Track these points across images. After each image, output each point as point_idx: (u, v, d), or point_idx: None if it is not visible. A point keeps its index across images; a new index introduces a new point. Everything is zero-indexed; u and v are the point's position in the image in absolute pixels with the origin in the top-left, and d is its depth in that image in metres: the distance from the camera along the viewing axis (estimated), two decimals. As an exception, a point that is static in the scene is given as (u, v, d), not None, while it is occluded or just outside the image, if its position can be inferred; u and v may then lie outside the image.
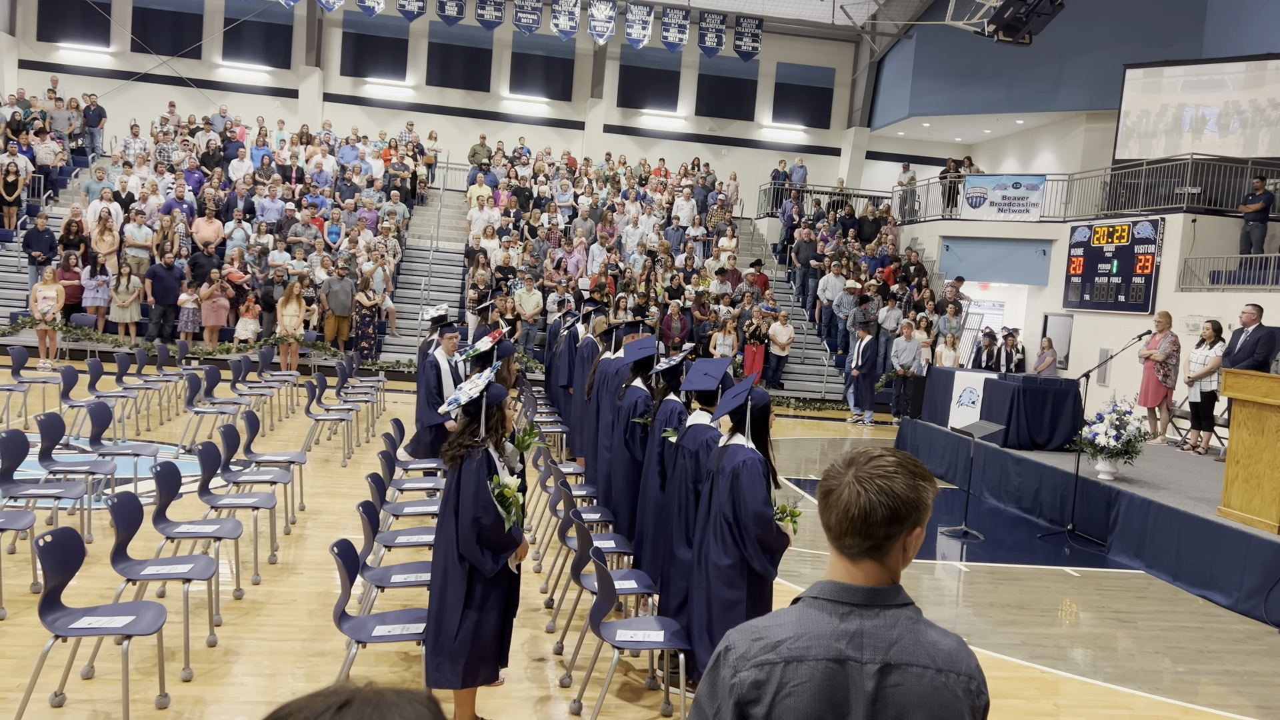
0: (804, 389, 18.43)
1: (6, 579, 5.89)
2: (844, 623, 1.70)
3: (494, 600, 4.35)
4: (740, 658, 1.69)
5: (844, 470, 1.75)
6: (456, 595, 4.27)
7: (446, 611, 4.28)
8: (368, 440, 11.59)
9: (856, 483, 1.72)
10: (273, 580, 6.44)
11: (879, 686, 1.66)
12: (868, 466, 1.74)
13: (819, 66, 26.11)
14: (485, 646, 4.32)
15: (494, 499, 4.22)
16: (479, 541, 4.22)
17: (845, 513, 1.72)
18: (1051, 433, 11.28)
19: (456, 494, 4.28)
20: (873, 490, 1.71)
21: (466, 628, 4.26)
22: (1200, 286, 15.39)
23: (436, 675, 4.28)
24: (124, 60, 23.38)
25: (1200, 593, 7.88)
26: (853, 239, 21.72)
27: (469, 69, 24.80)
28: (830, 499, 1.74)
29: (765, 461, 4.50)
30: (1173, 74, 18.44)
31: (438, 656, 4.27)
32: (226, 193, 19.00)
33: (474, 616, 4.27)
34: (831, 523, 1.74)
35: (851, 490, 1.72)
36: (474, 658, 4.28)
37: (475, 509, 4.19)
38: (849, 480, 1.73)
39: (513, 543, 4.32)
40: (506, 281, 17.98)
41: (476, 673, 4.32)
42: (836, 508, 1.73)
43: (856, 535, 1.72)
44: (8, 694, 4.53)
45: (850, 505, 1.72)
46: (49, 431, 7.16)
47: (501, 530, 4.24)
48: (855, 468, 1.74)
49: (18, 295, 17.05)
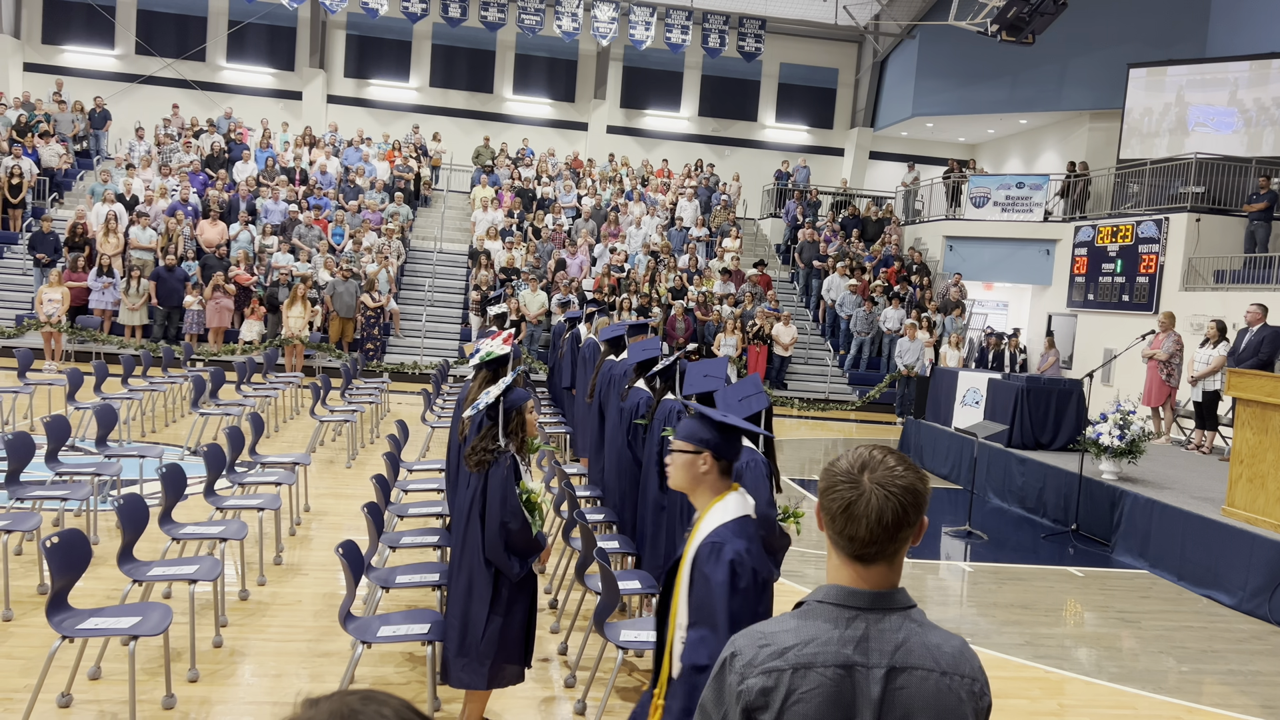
0: (807, 389, 18.43)
1: (13, 580, 5.92)
2: (850, 627, 1.69)
3: (519, 603, 4.36)
4: (747, 664, 1.68)
5: (858, 477, 1.71)
6: (483, 599, 4.28)
7: (473, 615, 4.29)
8: (372, 441, 11.61)
9: (880, 488, 1.69)
10: (278, 581, 6.46)
11: (885, 690, 1.66)
12: (882, 470, 1.71)
13: (822, 67, 26.11)
14: (512, 647, 4.35)
15: (521, 504, 4.23)
16: (506, 546, 4.23)
17: (878, 521, 1.68)
18: (1055, 433, 11.27)
19: (483, 499, 4.28)
20: (897, 493, 1.69)
21: (493, 630, 4.27)
22: (1204, 286, 15.37)
23: (463, 676, 4.29)
24: (128, 63, 23.44)
25: (1204, 592, 7.87)
26: (856, 239, 21.72)
27: (472, 70, 24.83)
28: (854, 509, 1.69)
29: (768, 462, 4.50)
30: (1176, 73, 18.42)
31: (464, 658, 4.29)
32: (230, 195, 19.05)
33: (499, 620, 4.29)
34: (860, 532, 1.69)
35: (878, 497, 1.69)
36: (500, 659, 4.31)
37: (503, 514, 4.20)
38: (871, 488, 1.69)
39: (538, 547, 4.33)
40: (510, 283, 18.01)
41: (503, 673, 4.35)
42: (866, 517, 1.68)
43: (884, 541, 1.70)
44: (15, 694, 4.55)
45: (883, 512, 1.68)
46: (55, 433, 7.18)
47: (528, 535, 4.25)
48: (869, 473, 1.71)
49: (23, 298, 17.10)
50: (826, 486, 1.75)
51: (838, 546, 1.74)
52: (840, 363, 19.17)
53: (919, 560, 8.41)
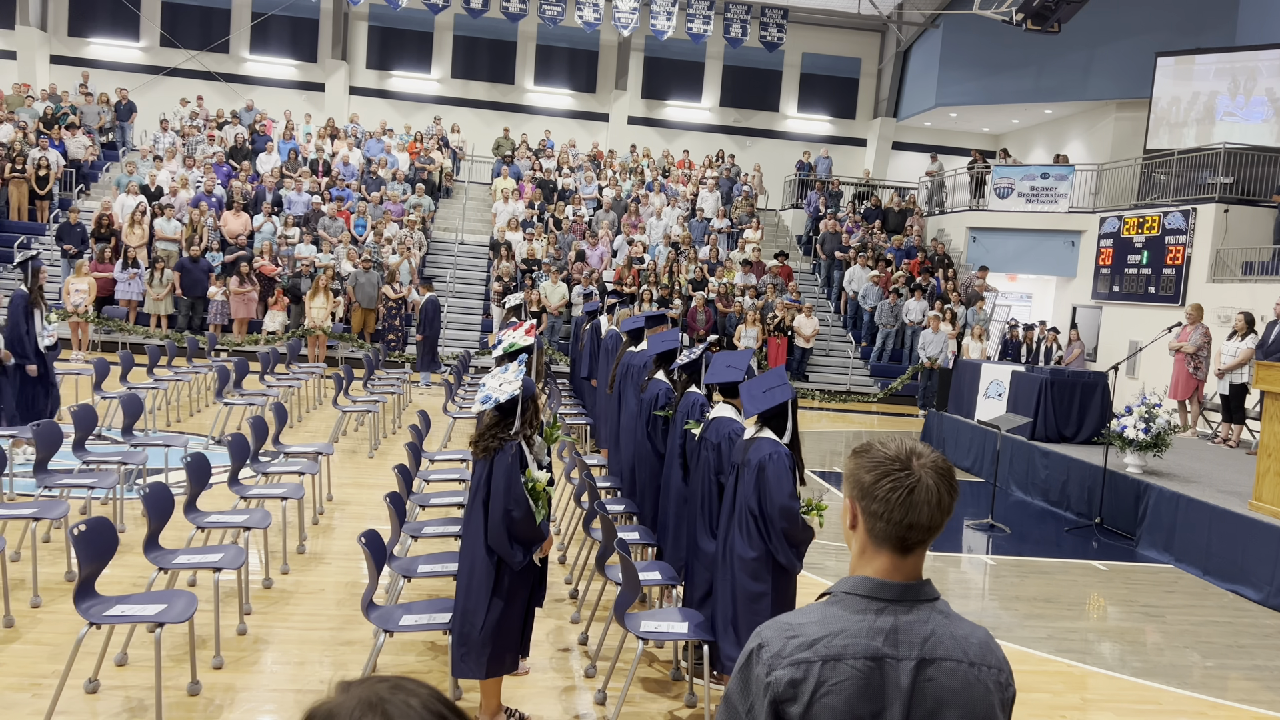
0: (829, 381, 18.36)
1: (42, 567, 6.00)
2: (879, 619, 1.69)
3: (520, 592, 4.38)
4: (775, 655, 1.67)
5: (908, 463, 1.71)
6: (484, 586, 4.31)
7: (473, 602, 4.32)
8: (394, 431, 11.67)
9: (933, 472, 1.71)
10: (301, 570, 6.51)
11: (915, 682, 1.66)
12: (929, 456, 1.73)
13: (845, 56, 25.93)
14: (509, 637, 4.36)
15: (525, 493, 4.25)
16: (509, 535, 4.25)
17: (938, 505, 1.70)
18: (1079, 425, 11.17)
19: (487, 486, 4.30)
20: (946, 476, 1.72)
21: (492, 619, 4.29)
22: (1232, 278, 15.18)
23: (462, 665, 4.32)
24: (153, 55, 23.61)
25: (1230, 587, 7.79)
26: (878, 230, 21.59)
27: (494, 61, 24.84)
28: (916, 495, 1.69)
29: (791, 455, 4.49)
30: (1204, 62, 18.16)
31: (463, 647, 4.32)
32: (254, 186, 19.17)
33: (500, 607, 4.31)
34: (921, 518, 1.69)
35: (931, 483, 1.70)
36: (498, 648, 4.32)
37: (507, 502, 4.22)
38: (924, 473, 1.70)
39: (541, 536, 4.35)
40: (531, 274, 18.03)
41: (501, 662, 4.36)
42: (928, 503, 1.69)
43: (937, 526, 1.71)
44: (43, 680, 4.62)
45: (941, 496, 1.70)
46: (82, 422, 7.27)
47: (532, 524, 4.27)
48: (919, 459, 1.72)
49: (51, 288, 17.25)
50: (878, 477, 1.72)
51: (884, 537, 1.72)
52: (862, 354, 19.09)
53: (941, 553, 8.37)
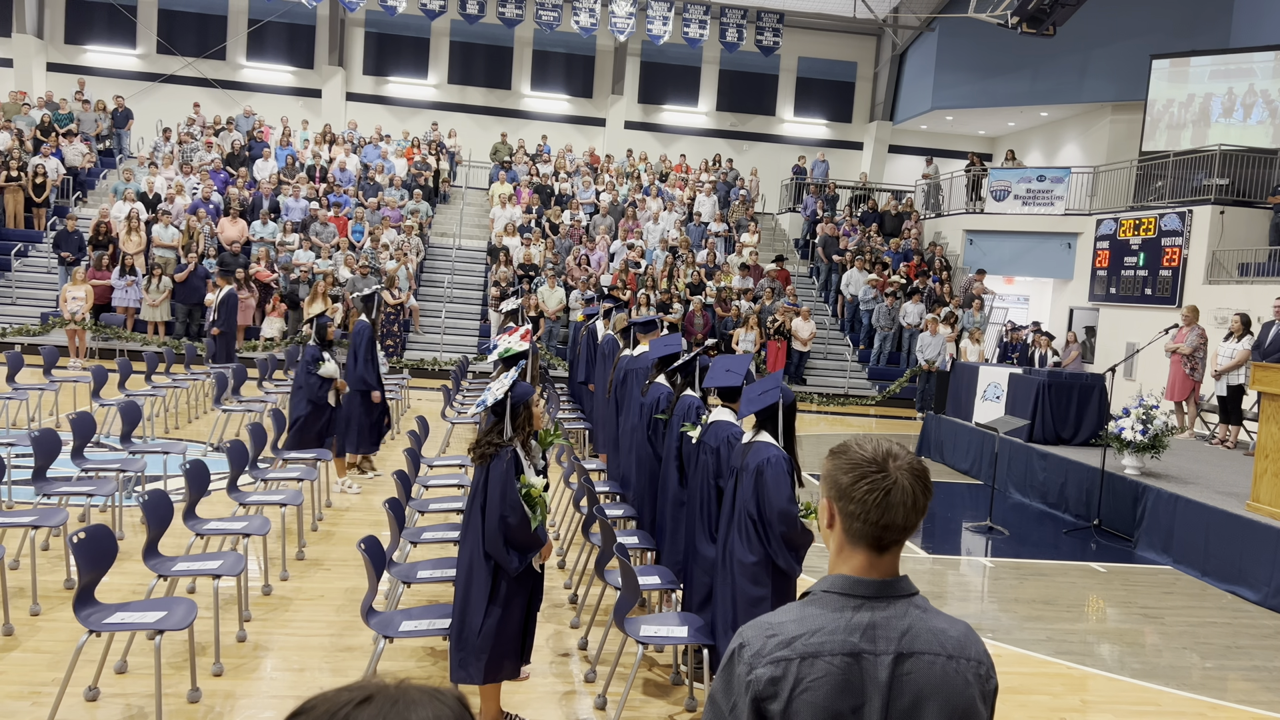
0: (827, 384, 18.37)
1: (41, 575, 5.99)
2: (856, 615, 1.73)
3: (518, 597, 4.38)
4: (755, 654, 1.71)
5: (885, 465, 1.76)
6: (481, 592, 4.31)
7: (471, 608, 4.32)
8: (393, 438, 11.67)
9: (908, 473, 1.75)
10: (300, 576, 6.51)
11: (893, 676, 1.69)
12: (904, 458, 1.77)
13: (840, 60, 25.98)
14: (508, 643, 4.36)
15: (521, 499, 4.25)
16: (505, 540, 4.26)
17: (913, 506, 1.75)
18: (1077, 427, 11.19)
19: (484, 492, 4.31)
20: (921, 477, 1.77)
21: (490, 624, 4.30)
22: (1229, 279, 15.20)
23: (460, 671, 4.32)
24: (150, 62, 23.62)
25: (1228, 588, 7.81)
26: (875, 233, 21.62)
27: (490, 67, 24.87)
28: (893, 496, 1.74)
29: (789, 459, 4.50)
30: (1200, 64, 18.21)
31: (461, 652, 4.32)
32: (251, 193, 19.17)
33: (498, 613, 4.31)
34: (897, 519, 1.74)
35: (906, 484, 1.74)
36: (497, 653, 4.32)
37: (502, 508, 4.22)
38: (902, 476, 1.75)
39: (538, 542, 4.35)
40: (529, 279, 18.04)
41: (500, 668, 4.36)
42: (903, 504, 1.74)
43: (912, 526, 1.76)
44: (43, 688, 4.61)
45: (917, 499, 1.75)
46: (80, 430, 7.26)
47: (527, 530, 4.27)
48: (895, 461, 1.76)
49: (48, 295, 17.29)
50: (856, 478, 1.77)
51: (860, 536, 1.77)
52: (860, 357, 19.11)
53: (939, 556, 8.38)
